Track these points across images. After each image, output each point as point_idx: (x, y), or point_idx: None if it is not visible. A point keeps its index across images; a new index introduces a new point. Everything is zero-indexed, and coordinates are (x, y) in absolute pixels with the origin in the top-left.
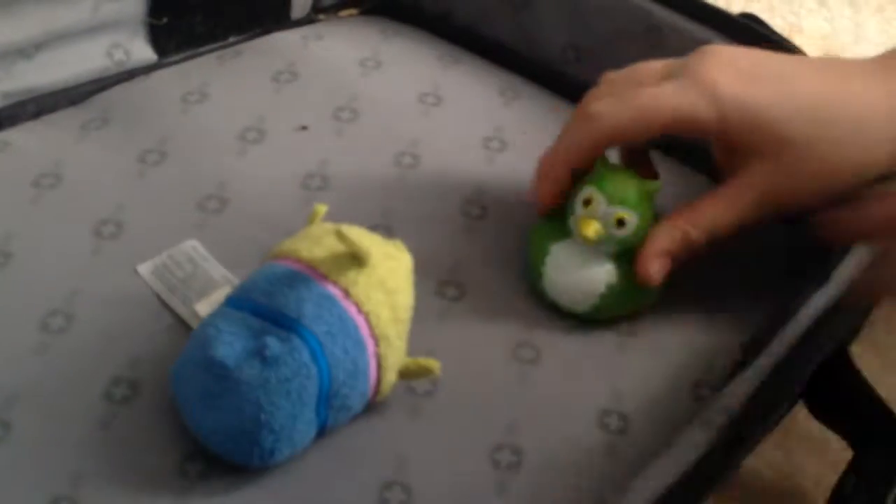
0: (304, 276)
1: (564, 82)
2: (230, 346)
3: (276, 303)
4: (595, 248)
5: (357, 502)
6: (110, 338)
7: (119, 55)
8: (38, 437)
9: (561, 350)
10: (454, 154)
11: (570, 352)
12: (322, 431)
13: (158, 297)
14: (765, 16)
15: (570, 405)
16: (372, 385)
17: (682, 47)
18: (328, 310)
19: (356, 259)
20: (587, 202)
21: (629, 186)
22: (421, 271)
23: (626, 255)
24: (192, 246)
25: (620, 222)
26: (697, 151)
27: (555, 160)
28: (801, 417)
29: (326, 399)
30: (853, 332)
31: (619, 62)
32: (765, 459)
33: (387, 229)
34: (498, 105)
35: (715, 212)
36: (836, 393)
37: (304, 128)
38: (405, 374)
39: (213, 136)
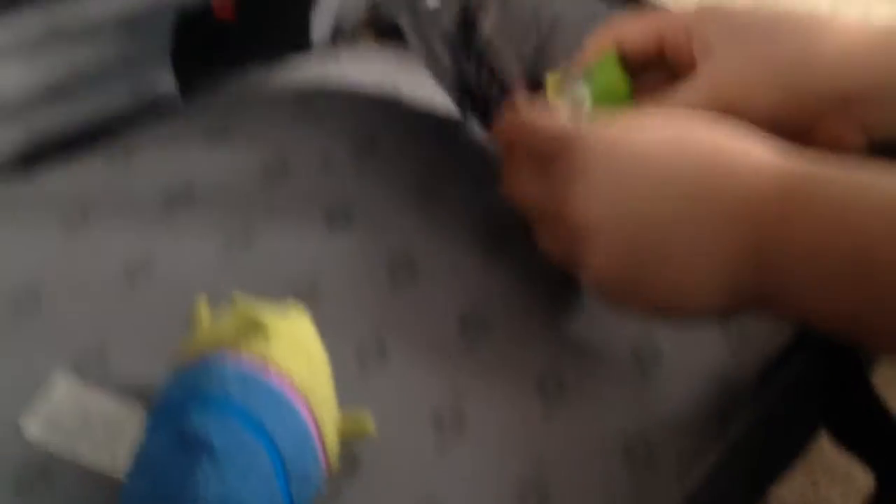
0: (215, 359)
1: None
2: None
3: (196, 392)
4: None
5: None
6: (143, 382)
7: (143, 91)
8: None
9: (587, 389)
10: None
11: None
12: None
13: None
14: None
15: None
16: (318, 445)
17: None
18: (254, 384)
19: (256, 326)
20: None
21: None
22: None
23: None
24: (63, 378)
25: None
26: None
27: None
28: (826, 448)
29: (284, 471)
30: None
31: None
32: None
33: (410, 264)
34: None
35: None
36: (857, 420)
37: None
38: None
39: (237, 172)
